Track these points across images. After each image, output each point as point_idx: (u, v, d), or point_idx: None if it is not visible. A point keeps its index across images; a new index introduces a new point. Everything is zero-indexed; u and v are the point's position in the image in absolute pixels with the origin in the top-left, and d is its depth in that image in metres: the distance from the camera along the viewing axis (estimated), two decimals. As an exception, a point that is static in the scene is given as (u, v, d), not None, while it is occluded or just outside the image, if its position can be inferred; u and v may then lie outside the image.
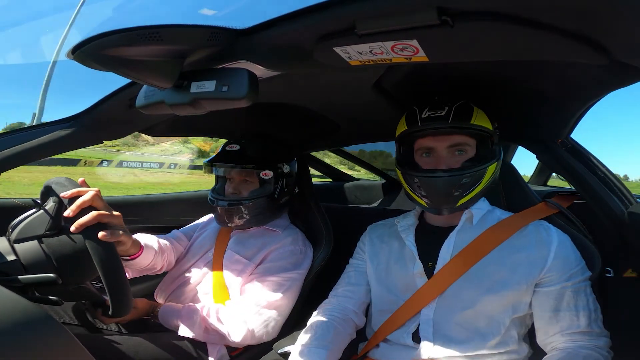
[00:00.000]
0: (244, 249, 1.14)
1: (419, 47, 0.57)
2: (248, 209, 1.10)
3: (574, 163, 0.98)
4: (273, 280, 1.05)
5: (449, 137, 0.85)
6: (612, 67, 0.64)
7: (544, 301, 0.79)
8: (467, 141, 0.86)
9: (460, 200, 0.84)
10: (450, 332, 0.81)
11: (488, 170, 0.84)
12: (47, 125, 1.01)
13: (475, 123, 0.84)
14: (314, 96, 1.05)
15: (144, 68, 0.59)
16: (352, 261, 1.05)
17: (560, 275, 0.79)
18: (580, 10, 0.47)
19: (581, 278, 0.80)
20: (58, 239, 0.74)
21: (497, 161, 0.86)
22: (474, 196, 0.85)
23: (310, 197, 1.34)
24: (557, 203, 0.94)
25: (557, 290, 0.79)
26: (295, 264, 1.11)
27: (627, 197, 0.95)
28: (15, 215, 0.76)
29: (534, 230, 0.85)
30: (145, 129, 1.18)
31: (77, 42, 0.52)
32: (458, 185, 0.82)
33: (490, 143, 0.87)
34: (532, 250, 0.81)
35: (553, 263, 0.79)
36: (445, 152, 0.86)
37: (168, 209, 1.62)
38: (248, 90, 0.60)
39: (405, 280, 0.90)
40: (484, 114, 0.86)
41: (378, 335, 0.90)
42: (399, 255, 0.94)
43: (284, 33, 0.59)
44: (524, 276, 0.80)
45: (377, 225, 1.07)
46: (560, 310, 0.78)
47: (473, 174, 0.83)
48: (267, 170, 1.12)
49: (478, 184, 0.84)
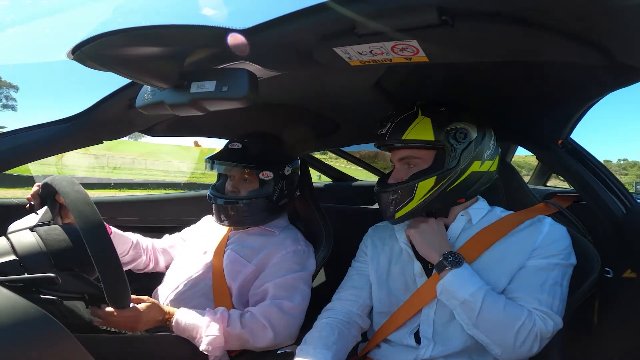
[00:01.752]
0: (243, 249, 1.14)
1: (419, 48, 0.57)
2: (244, 208, 1.10)
3: (574, 163, 0.98)
4: (286, 284, 1.05)
5: (398, 152, 0.89)
6: (612, 68, 0.64)
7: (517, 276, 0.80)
8: (415, 154, 0.87)
9: (397, 214, 0.87)
10: (451, 331, 0.81)
11: (418, 186, 0.84)
12: (47, 125, 1.01)
13: (407, 138, 0.84)
14: (314, 96, 1.05)
15: (144, 68, 0.60)
16: (354, 264, 1.04)
17: (538, 255, 0.80)
18: (581, 11, 0.47)
19: (555, 261, 0.80)
20: (50, 227, 0.77)
21: (440, 175, 0.83)
22: (413, 210, 0.86)
23: (311, 198, 1.34)
24: (556, 203, 0.94)
25: (531, 265, 0.80)
26: (302, 264, 1.11)
27: (627, 198, 0.95)
28: (15, 215, 0.77)
29: (529, 224, 0.86)
30: (145, 129, 1.18)
31: (77, 42, 0.52)
32: (389, 200, 0.87)
33: (441, 153, 0.85)
34: (524, 237, 0.83)
35: (540, 245, 0.81)
36: (398, 165, 0.90)
37: (168, 209, 1.62)
38: (248, 91, 0.60)
39: (406, 281, 0.90)
40: (426, 123, 0.84)
41: (378, 336, 0.90)
42: (399, 256, 0.94)
43: (284, 34, 0.59)
44: (515, 261, 0.81)
45: (378, 227, 1.07)
46: (527, 279, 0.79)
47: (398, 190, 0.85)
48: (267, 171, 1.12)
49: (410, 199, 0.85)
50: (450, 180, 0.84)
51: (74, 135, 1.01)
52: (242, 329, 0.96)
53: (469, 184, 0.86)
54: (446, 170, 0.84)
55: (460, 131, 0.84)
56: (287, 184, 1.17)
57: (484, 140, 0.87)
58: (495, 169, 0.91)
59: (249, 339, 0.96)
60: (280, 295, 1.03)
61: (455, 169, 0.84)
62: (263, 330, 0.97)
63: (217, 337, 0.92)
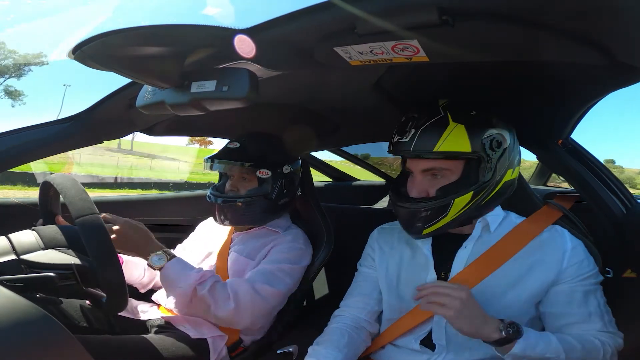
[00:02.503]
0: (247, 249, 1.14)
1: (419, 47, 0.57)
2: (242, 207, 1.10)
3: (574, 163, 0.98)
4: (268, 269, 1.05)
5: (422, 162, 0.80)
6: (612, 68, 0.64)
7: (554, 299, 0.78)
8: (442, 165, 0.78)
9: (425, 230, 0.81)
10: (464, 339, 0.78)
11: (454, 202, 0.77)
12: (48, 125, 1.01)
13: (441, 150, 0.75)
14: (314, 96, 1.05)
15: (145, 68, 0.60)
16: (361, 269, 1.01)
17: (573, 277, 0.78)
18: (581, 11, 0.47)
19: (594, 281, 0.79)
20: (49, 227, 0.77)
21: (477, 189, 0.77)
22: (444, 226, 0.80)
23: (312, 198, 1.33)
24: (560, 205, 0.93)
25: (568, 289, 0.77)
26: (293, 260, 1.10)
27: (627, 198, 0.95)
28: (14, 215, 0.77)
29: (549, 237, 0.83)
30: (145, 129, 1.18)
31: (77, 42, 0.52)
32: (418, 217, 0.80)
33: (475, 165, 0.78)
34: (547, 255, 0.80)
35: (568, 266, 0.78)
36: (420, 176, 0.81)
37: (168, 209, 1.62)
38: (248, 90, 0.60)
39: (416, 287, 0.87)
40: (461, 131, 0.76)
41: (383, 339, 0.89)
42: (410, 262, 0.90)
43: (285, 33, 0.59)
44: (539, 281, 0.78)
45: (384, 229, 1.02)
46: (570, 310, 0.77)
47: (432, 208, 0.78)
48: (265, 169, 1.11)
49: (443, 216, 0.78)
50: (486, 194, 0.78)
51: (74, 135, 1.01)
52: (208, 292, 0.96)
53: (502, 195, 0.82)
54: (482, 183, 0.78)
55: (496, 139, 0.77)
56: (287, 183, 1.17)
57: (515, 145, 0.83)
58: (519, 171, 0.88)
59: (211, 304, 0.96)
60: (260, 279, 1.02)
61: (491, 181, 0.78)
62: (226, 300, 0.97)
63: (184, 291, 0.95)
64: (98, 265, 0.70)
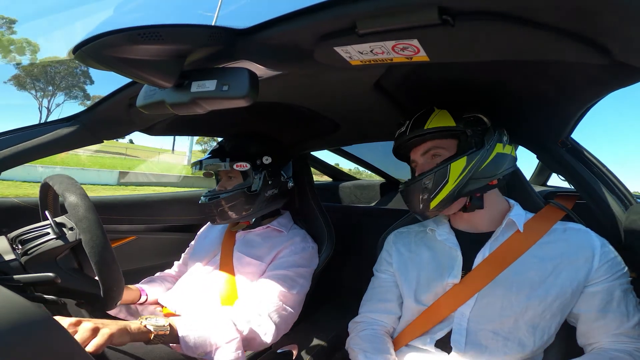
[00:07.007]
0: (253, 249, 1.13)
1: (419, 47, 0.57)
2: (225, 202, 1.12)
3: (574, 163, 0.98)
4: (287, 276, 1.05)
5: (420, 146, 0.90)
6: (612, 67, 0.64)
7: (591, 301, 0.77)
8: (438, 144, 0.88)
9: (432, 202, 0.85)
10: (484, 341, 0.78)
11: (451, 167, 0.83)
12: (48, 125, 1.01)
13: (429, 127, 0.86)
14: (314, 96, 1.05)
15: (145, 67, 0.59)
16: (378, 275, 1.01)
17: (607, 276, 0.77)
18: (581, 10, 0.47)
19: (628, 279, 0.78)
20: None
21: (470, 154, 0.84)
22: (449, 195, 0.83)
23: (312, 197, 1.33)
24: (562, 205, 0.93)
25: (605, 289, 0.76)
26: (308, 260, 1.12)
27: (627, 197, 0.95)
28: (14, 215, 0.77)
29: (572, 234, 0.83)
30: (145, 129, 1.18)
31: (78, 42, 0.52)
32: (421, 189, 0.85)
33: (464, 138, 0.86)
34: (575, 254, 0.80)
35: (600, 266, 0.78)
36: (422, 160, 0.90)
37: (167, 209, 1.62)
38: (248, 90, 0.60)
39: (437, 290, 0.88)
40: (445, 113, 0.87)
41: (401, 340, 0.89)
42: (430, 264, 0.91)
43: (285, 33, 0.59)
44: (568, 280, 0.77)
45: (401, 232, 1.03)
46: (609, 310, 0.75)
47: (432, 175, 0.84)
48: (242, 161, 1.13)
49: (444, 183, 0.83)
50: (480, 160, 0.84)
51: (74, 134, 1.02)
52: (251, 327, 0.93)
53: (498, 165, 0.86)
54: (474, 150, 0.84)
55: (476, 117, 0.87)
56: (270, 173, 1.17)
57: (496, 129, 0.88)
58: (515, 155, 0.92)
59: (259, 335, 0.93)
60: (283, 289, 1.02)
61: (482, 149, 0.85)
62: (269, 324, 0.96)
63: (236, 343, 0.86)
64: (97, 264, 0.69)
